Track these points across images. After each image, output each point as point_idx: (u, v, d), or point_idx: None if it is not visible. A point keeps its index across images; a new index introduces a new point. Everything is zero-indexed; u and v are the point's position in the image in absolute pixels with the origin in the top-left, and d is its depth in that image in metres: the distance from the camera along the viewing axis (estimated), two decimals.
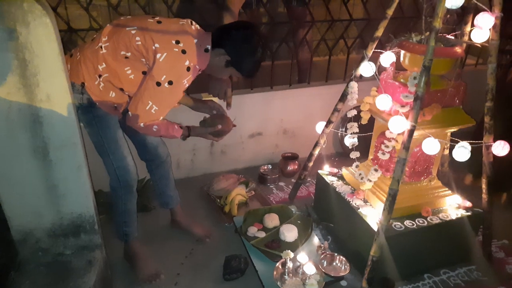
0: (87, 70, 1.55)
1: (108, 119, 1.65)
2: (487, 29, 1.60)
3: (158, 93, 1.52)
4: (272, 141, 2.83)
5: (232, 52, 1.57)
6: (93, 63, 1.55)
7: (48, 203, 1.54)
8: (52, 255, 1.63)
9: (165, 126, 1.64)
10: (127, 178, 1.72)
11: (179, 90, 1.57)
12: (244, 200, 2.35)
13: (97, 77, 1.56)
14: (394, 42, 1.79)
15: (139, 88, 1.57)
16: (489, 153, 1.77)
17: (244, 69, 1.64)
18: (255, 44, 1.59)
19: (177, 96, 1.60)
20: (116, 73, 1.57)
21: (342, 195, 2.00)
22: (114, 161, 1.69)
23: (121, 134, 1.72)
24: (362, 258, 1.74)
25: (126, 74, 1.57)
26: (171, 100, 1.60)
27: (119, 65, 1.55)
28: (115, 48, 1.53)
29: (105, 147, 1.67)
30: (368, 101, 1.88)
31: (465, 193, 1.99)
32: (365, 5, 2.79)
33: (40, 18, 1.23)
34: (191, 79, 1.58)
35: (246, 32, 1.58)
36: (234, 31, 1.59)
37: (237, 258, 1.88)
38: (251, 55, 1.59)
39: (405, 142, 1.51)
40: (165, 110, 1.60)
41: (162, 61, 1.48)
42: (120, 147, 1.70)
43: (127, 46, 1.52)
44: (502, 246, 2.11)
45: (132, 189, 1.77)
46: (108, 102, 1.62)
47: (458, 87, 1.76)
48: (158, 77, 1.50)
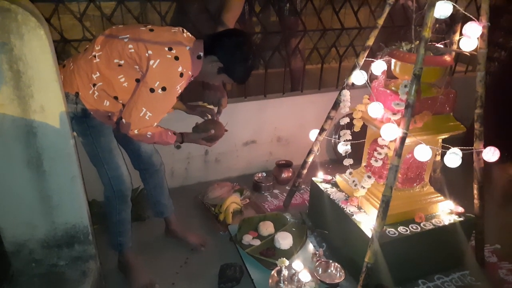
0: (81, 80, 1.56)
1: (102, 129, 1.65)
2: (475, 38, 1.64)
3: (152, 100, 1.53)
4: (266, 149, 2.84)
5: (224, 59, 1.59)
6: (86, 73, 1.56)
7: (41, 214, 1.53)
8: (45, 266, 1.62)
9: (159, 132, 1.65)
10: (121, 188, 1.72)
11: (173, 96, 1.58)
12: (239, 208, 2.35)
13: (91, 86, 1.57)
14: (385, 51, 1.82)
15: (132, 95, 1.58)
16: (479, 159, 1.80)
17: (236, 76, 1.66)
18: (247, 51, 1.61)
19: (171, 102, 1.61)
20: (110, 81, 1.57)
21: (336, 202, 2.01)
22: (109, 170, 1.69)
23: (115, 144, 1.72)
24: (356, 265, 1.75)
25: (119, 82, 1.58)
26: (165, 106, 1.60)
27: (112, 74, 1.56)
28: (108, 57, 1.54)
29: (99, 157, 1.67)
30: (360, 109, 1.90)
31: (457, 198, 2.01)
32: (356, 14, 2.84)
33: (35, 30, 1.24)
34: (184, 85, 1.59)
35: (238, 39, 1.61)
36: (226, 38, 1.61)
37: (232, 267, 1.88)
38: (243, 62, 1.62)
39: (397, 149, 1.54)
40: (159, 116, 1.61)
41: (156, 68, 1.50)
42: (115, 157, 1.70)
43: (120, 54, 1.53)
44: (494, 250, 2.13)
45: (126, 199, 1.77)
46: (102, 111, 1.62)
47: (448, 94, 1.79)
48: (151, 84, 1.51)
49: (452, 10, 1.47)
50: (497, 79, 2.92)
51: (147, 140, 1.64)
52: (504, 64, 2.93)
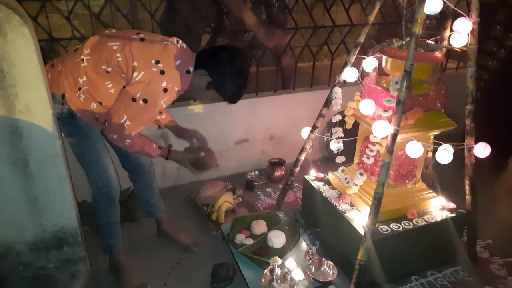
0: (67, 82, 1.53)
1: (89, 130, 1.62)
2: (466, 34, 1.64)
3: (133, 109, 1.50)
4: (258, 147, 2.83)
5: (214, 73, 1.54)
6: (73, 76, 1.53)
7: (29, 216, 1.50)
8: (33, 269, 1.59)
9: (141, 142, 1.61)
10: (108, 190, 1.70)
11: (154, 109, 1.54)
12: (232, 207, 2.34)
13: (77, 89, 1.54)
14: (376, 47, 1.82)
15: (116, 100, 1.55)
16: (471, 155, 1.80)
17: (225, 92, 1.60)
18: (239, 67, 1.56)
19: (151, 115, 1.57)
20: (97, 86, 1.54)
21: (329, 199, 2.00)
22: (96, 172, 1.66)
23: (102, 145, 1.70)
24: (349, 262, 1.75)
25: (106, 88, 1.54)
26: (145, 118, 1.56)
27: (100, 79, 1.53)
28: (96, 62, 1.51)
29: (86, 158, 1.65)
30: (352, 106, 1.90)
31: (449, 194, 2.01)
32: (348, 11, 2.83)
33: (18, 28, 1.20)
34: (169, 100, 1.55)
35: (231, 55, 1.56)
36: (220, 52, 1.57)
37: (225, 267, 1.86)
38: (233, 78, 1.56)
39: (389, 146, 1.53)
40: (138, 127, 1.57)
41: (139, 80, 1.47)
42: (102, 159, 1.67)
43: (108, 61, 1.50)
44: (486, 246, 2.14)
45: (114, 200, 1.74)
46: (89, 113, 1.59)
47: (439, 91, 1.79)
48: (133, 94, 1.48)
49: (442, 6, 1.47)
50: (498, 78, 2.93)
51: (126, 148, 1.60)
52: (504, 62, 2.94)
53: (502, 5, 3.14)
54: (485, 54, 3.05)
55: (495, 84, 2.91)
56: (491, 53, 3.15)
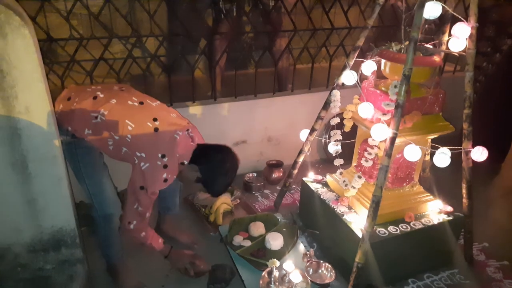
0: (75, 127, 1.58)
1: (88, 147, 1.63)
2: (464, 38, 1.65)
3: (142, 196, 1.60)
4: (256, 149, 2.83)
5: (204, 171, 1.65)
6: (82, 125, 1.57)
7: (27, 217, 1.50)
8: (31, 270, 1.58)
9: (152, 235, 1.74)
10: (103, 207, 1.69)
11: (155, 196, 1.65)
12: (229, 208, 2.34)
13: (80, 133, 1.59)
14: (375, 51, 1.83)
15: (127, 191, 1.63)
16: (468, 158, 1.81)
17: (211, 189, 1.72)
18: (227, 169, 1.67)
19: (153, 200, 1.66)
20: (100, 139, 1.59)
21: (327, 202, 2.01)
22: (91, 186, 1.67)
23: (100, 162, 1.72)
24: (347, 265, 1.75)
25: (107, 144, 1.60)
26: (150, 203, 1.66)
27: (104, 136, 1.58)
28: (108, 127, 1.56)
29: (81, 172, 1.65)
30: (350, 109, 1.90)
31: (446, 197, 2.02)
32: (346, 14, 2.84)
33: (18, 29, 1.20)
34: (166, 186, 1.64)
35: (223, 157, 1.67)
36: (213, 152, 1.67)
37: (222, 268, 1.86)
38: (221, 178, 1.67)
39: (387, 149, 1.54)
40: (148, 209, 1.66)
41: (144, 170, 1.55)
42: (99, 177, 1.69)
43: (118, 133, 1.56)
44: (482, 248, 2.15)
45: (110, 218, 1.72)
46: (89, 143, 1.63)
47: (437, 94, 1.80)
48: (140, 182, 1.57)
49: (441, 10, 1.48)
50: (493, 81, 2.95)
51: (140, 239, 1.70)
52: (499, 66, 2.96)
53: (495, 5, 3.17)
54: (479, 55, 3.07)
55: (490, 86, 2.93)
56: (485, 54, 3.18)
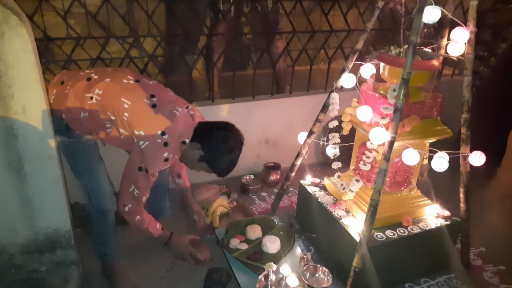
0: (69, 112, 1.54)
1: (83, 141, 1.61)
2: (463, 43, 1.65)
3: (139, 177, 1.56)
4: (254, 151, 2.82)
5: (207, 149, 1.61)
6: (76, 107, 1.54)
7: (22, 218, 1.49)
8: (26, 272, 1.57)
9: (148, 219, 1.70)
10: (101, 207, 1.67)
11: (154, 177, 1.61)
12: (226, 211, 2.33)
13: (76, 117, 1.56)
14: (374, 54, 1.82)
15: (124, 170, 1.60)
16: (466, 163, 1.81)
17: (216, 168, 1.68)
18: (232, 146, 1.64)
19: (155, 178, 1.62)
20: (97, 122, 1.56)
21: (324, 205, 2.00)
22: (88, 185, 1.64)
23: (97, 157, 1.69)
24: (344, 269, 1.74)
25: (105, 127, 1.57)
26: (150, 183, 1.63)
27: (102, 119, 1.55)
28: (104, 107, 1.53)
29: (79, 170, 1.63)
30: (349, 112, 1.90)
31: (444, 202, 2.03)
32: (345, 16, 2.84)
33: (16, 29, 1.19)
34: (166, 166, 1.61)
35: (226, 134, 1.63)
36: (215, 130, 1.63)
37: (219, 271, 1.85)
38: (225, 156, 1.64)
39: (386, 153, 1.53)
40: (145, 192, 1.64)
41: (143, 149, 1.51)
42: (95, 170, 1.66)
43: (115, 113, 1.53)
44: (479, 253, 2.15)
45: (106, 214, 1.70)
46: (86, 129, 1.60)
47: (436, 98, 1.80)
48: (139, 163, 1.53)
49: (440, 15, 1.48)
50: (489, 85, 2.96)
51: (135, 223, 1.67)
52: (495, 70, 2.98)
53: (491, 10, 3.19)
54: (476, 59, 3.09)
55: (487, 90, 2.94)
56: (482, 58, 3.20)
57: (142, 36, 2.66)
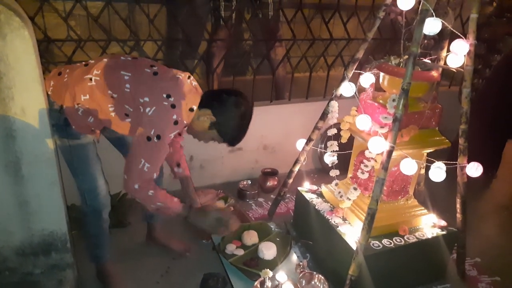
0: (70, 96, 1.49)
1: (82, 139, 1.59)
2: (462, 55, 1.66)
3: (149, 149, 1.46)
4: (252, 157, 2.82)
5: (219, 113, 1.55)
6: (77, 91, 1.49)
7: (18, 220, 1.48)
8: (20, 274, 1.55)
9: (163, 194, 1.56)
10: (94, 204, 1.65)
11: (166, 144, 1.51)
12: None
13: (75, 105, 1.51)
14: (374, 63, 1.83)
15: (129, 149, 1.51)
16: (463, 174, 1.82)
17: (227, 133, 1.60)
18: (244, 111, 1.57)
19: (165, 150, 1.53)
20: (99, 105, 1.51)
21: (321, 212, 2.00)
22: (83, 182, 1.62)
23: (94, 155, 1.65)
24: (340, 276, 1.74)
25: (108, 110, 1.52)
26: (161, 155, 1.52)
27: (104, 100, 1.50)
28: (104, 86, 1.49)
29: (75, 167, 1.61)
30: (348, 120, 1.91)
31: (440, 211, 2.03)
32: (345, 25, 2.86)
33: (18, 30, 1.19)
34: (177, 132, 1.54)
35: (237, 99, 1.57)
36: (226, 95, 1.57)
37: (215, 277, 1.84)
38: (237, 120, 1.57)
39: (384, 162, 1.54)
40: (157, 167, 1.52)
41: (151, 115, 1.44)
42: (91, 168, 1.63)
43: (116, 88, 1.48)
44: (475, 264, 2.16)
45: (100, 214, 1.68)
46: (85, 124, 1.56)
47: (434, 109, 1.81)
48: (147, 132, 1.45)
49: (440, 27, 1.49)
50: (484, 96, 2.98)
51: (149, 201, 1.53)
52: (490, 82, 3.00)
53: (486, 23, 3.22)
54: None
55: (482, 102, 2.96)
56: (477, 71, 3.22)
57: (143, 40, 2.66)
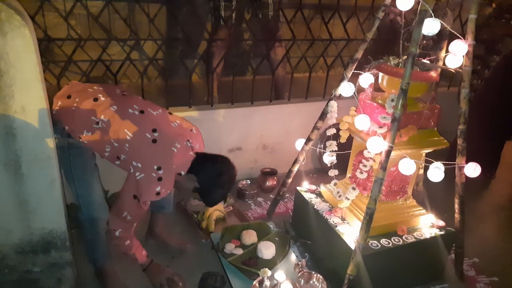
0: (74, 126, 1.56)
1: (82, 148, 1.61)
2: (461, 55, 1.67)
3: (133, 205, 1.59)
4: (251, 156, 2.83)
5: (202, 182, 1.68)
6: (82, 127, 1.56)
7: (18, 218, 1.48)
8: (19, 272, 1.56)
9: (136, 245, 1.72)
10: (91, 216, 1.67)
11: (147, 207, 1.64)
12: (222, 215, 2.33)
13: (78, 135, 1.57)
14: (373, 64, 1.84)
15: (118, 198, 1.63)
16: (461, 174, 1.83)
17: (207, 199, 1.75)
18: (225, 181, 1.70)
19: (144, 210, 1.65)
20: (98, 145, 1.59)
21: (320, 212, 2.01)
22: (79, 192, 1.64)
23: (92, 165, 1.69)
24: (338, 276, 1.75)
25: (104, 150, 1.60)
26: (141, 213, 1.66)
27: (103, 143, 1.58)
28: (107, 133, 1.56)
29: (72, 176, 1.63)
30: (347, 120, 1.91)
31: (438, 211, 2.04)
32: (345, 26, 2.86)
33: (19, 29, 1.20)
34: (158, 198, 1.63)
35: (221, 168, 1.69)
36: (211, 164, 1.69)
37: (213, 276, 1.84)
38: (218, 189, 1.71)
39: (383, 162, 1.54)
40: (137, 220, 1.67)
41: (139, 180, 1.54)
42: (88, 178, 1.66)
43: (117, 141, 1.56)
44: (473, 264, 2.16)
45: (96, 222, 1.69)
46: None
47: (433, 109, 1.82)
48: (133, 191, 1.57)
49: (439, 27, 1.50)
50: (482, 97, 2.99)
51: (124, 248, 1.68)
52: (489, 82, 3.01)
53: (485, 25, 3.23)
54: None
55: (481, 102, 2.96)
56: (476, 72, 3.23)
57: (143, 39, 2.67)
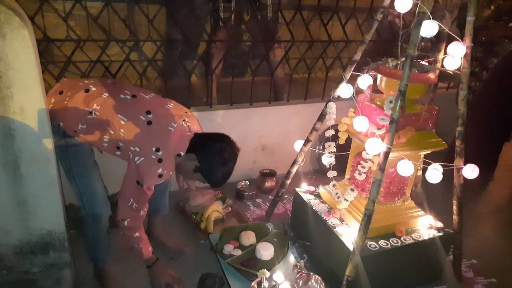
0: (68, 120, 1.56)
1: (79, 145, 1.61)
2: (459, 57, 1.68)
3: (138, 191, 1.59)
4: (250, 157, 2.83)
5: (203, 160, 1.63)
6: (76, 120, 1.56)
7: (16, 219, 1.48)
8: (17, 273, 1.56)
9: (145, 239, 1.72)
10: (94, 212, 1.67)
11: (151, 191, 1.64)
12: (221, 216, 2.33)
13: (73, 129, 1.58)
14: (371, 65, 1.85)
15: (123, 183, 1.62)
16: (459, 175, 1.83)
17: (211, 178, 1.70)
18: (227, 158, 1.65)
19: (149, 195, 1.64)
20: (94, 137, 1.59)
21: (319, 213, 2.01)
22: (81, 188, 1.64)
23: (92, 161, 1.69)
24: (337, 277, 1.75)
25: (102, 141, 1.60)
26: (146, 198, 1.65)
27: (100, 133, 1.58)
28: (102, 123, 1.55)
29: (72, 173, 1.63)
30: (345, 122, 1.92)
31: (437, 213, 2.04)
32: (344, 27, 2.87)
33: (18, 30, 1.20)
34: (161, 181, 1.63)
35: (221, 145, 1.65)
36: (211, 141, 1.65)
37: (212, 277, 1.85)
38: (219, 167, 1.66)
39: (381, 163, 1.55)
40: (144, 206, 1.66)
41: (139, 164, 1.54)
42: (89, 174, 1.66)
43: (113, 128, 1.56)
44: (471, 265, 2.17)
45: (99, 218, 1.70)
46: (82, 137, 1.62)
47: (431, 111, 1.82)
48: (137, 177, 1.56)
49: (437, 29, 1.51)
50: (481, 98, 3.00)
51: (132, 240, 1.68)
52: (487, 84, 3.01)
53: (484, 26, 3.24)
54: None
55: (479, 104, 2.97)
56: (474, 74, 3.24)
57: (142, 41, 2.67)
